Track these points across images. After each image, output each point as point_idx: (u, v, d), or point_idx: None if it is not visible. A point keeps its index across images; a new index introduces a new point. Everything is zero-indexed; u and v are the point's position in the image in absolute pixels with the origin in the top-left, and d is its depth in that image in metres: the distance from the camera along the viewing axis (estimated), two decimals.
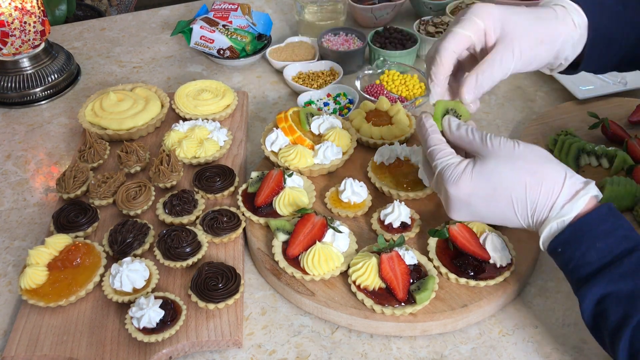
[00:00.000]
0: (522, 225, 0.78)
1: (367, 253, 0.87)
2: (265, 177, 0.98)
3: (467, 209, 0.79)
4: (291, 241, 0.88)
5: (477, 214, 0.79)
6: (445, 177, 0.78)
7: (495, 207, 0.77)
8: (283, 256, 0.89)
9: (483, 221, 0.81)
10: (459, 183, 0.77)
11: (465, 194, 0.77)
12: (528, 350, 0.82)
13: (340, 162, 1.04)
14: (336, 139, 1.05)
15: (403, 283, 0.82)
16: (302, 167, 1.02)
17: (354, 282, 0.84)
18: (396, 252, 0.84)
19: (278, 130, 1.06)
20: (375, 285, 0.83)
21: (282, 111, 1.08)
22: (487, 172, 0.76)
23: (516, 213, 0.76)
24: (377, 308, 0.82)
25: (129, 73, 1.38)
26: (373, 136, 1.09)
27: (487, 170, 0.76)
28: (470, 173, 0.77)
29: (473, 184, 0.76)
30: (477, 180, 0.76)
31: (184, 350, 0.81)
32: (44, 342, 0.81)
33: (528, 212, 0.75)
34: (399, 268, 0.83)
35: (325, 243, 0.88)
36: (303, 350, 0.83)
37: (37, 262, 0.87)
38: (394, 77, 1.26)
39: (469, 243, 0.87)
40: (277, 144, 1.05)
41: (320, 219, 0.89)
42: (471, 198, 0.77)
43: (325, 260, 0.86)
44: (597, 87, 1.25)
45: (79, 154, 1.08)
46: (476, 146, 0.79)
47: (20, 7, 1.22)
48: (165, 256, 0.89)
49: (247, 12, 1.44)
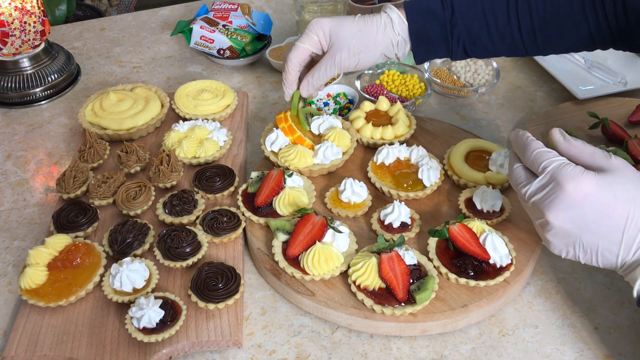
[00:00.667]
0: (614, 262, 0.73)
1: (367, 253, 0.87)
2: (265, 177, 0.98)
3: (575, 212, 0.71)
4: (291, 241, 0.88)
5: (581, 222, 0.72)
6: (565, 172, 0.72)
7: (606, 220, 0.71)
8: (283, 256, 0.89)
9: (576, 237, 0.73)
10: (580, 179, 0.71)
11: (583, 193, 0.71)
12: (528, 350, 0.82)
13: (340, 162, 1.04)
14: (336, 139, 1.05)
15: (403, 283, 0.82)
16: (302, 167, 1.02)
17: (354, 282, 0.84)
18: (396, 252, 0.84)
19: (278, 130, 1.06)
20: (375, 285, 0.83)
21: (282, 111, 1.08)
22: (611, 181, 0.71)
23: (623, 234, 0.70)
24: (377, 308, 0.82)
25: (129, 73, 1.38)
26: (373, 136, 1.09)
27: (611, 179, 0.71)
28: (593, 175, 0.71)
29: (595, 185, 0.71)
30: (599, 184, 0.71)
31: (184, 350, 0.81)
32: (44, 342, 0.81)
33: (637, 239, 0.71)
34: (398, 268, 0.83)
35: (325, 243, 0.88)
36: (303, 350, 0.83)
37: (37, 262, 0.87)
38: (394, 77, 1.26)
39: (469, 243, 0.87)
40: (277, 144, 1.05)
41: (320, 219, 0.89)
42: (587, 199, 0.70)
43: (325, 260, 0.86)
44: (597, 87, 1.25)
45: (79, 154, 1.08)
46: (598, 159, 0.74)
47: (20, 7, 1.22)
48: (165, 256, 0.89)
49: (247, 12, 1.44)
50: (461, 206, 0.96)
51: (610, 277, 0.92)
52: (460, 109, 1.25)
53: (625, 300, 0.88)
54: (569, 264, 0.94)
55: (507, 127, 1.20)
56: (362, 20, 0.99)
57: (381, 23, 0.99)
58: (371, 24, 0.99)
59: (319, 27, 1.00)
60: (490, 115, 1.24)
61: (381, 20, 0.99)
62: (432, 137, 1.12)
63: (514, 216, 0.96)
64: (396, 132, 1.09)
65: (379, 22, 0.99)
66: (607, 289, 0.90)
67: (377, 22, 0.99)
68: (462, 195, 0.98)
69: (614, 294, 0.89)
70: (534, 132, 1.14)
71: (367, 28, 0.99)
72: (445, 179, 1.04)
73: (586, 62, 1.31)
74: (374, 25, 0.99)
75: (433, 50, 1.01)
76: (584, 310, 0.87)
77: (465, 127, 1.20)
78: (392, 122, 1.11)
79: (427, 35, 0.99)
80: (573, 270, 0.93)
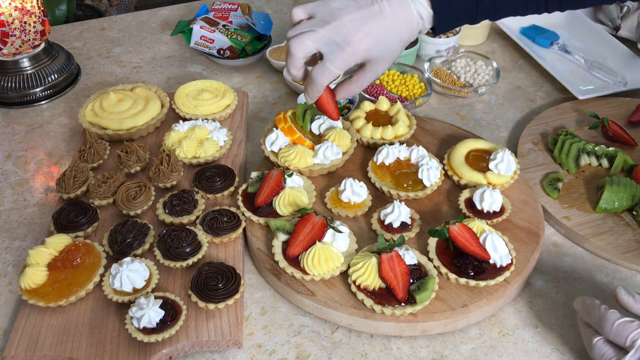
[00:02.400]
0: None
1: (367, 253, 0.87)
2: (265, 177, 0.98)
3: None
4: (291, 241, 0.88)
5: None
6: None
7: None
8: (283, 256, 0.89)
9: None
10: None
11: None
12: (528, 350, 0.82)
13: (341, 162, 1.04)
14: (336, 139, 1.05)
15: (403, 283, 0.82)
16: (302, 167, 1.02)
17: (354, 282, 0.84)
18: (396, 252, 0.84)
19: (277, 130, 1.06)
20: (375, 285, 0.83)
21: (282, 112, 1.08)
22: None
23: None
24: (377, 308, 0.82)
25: (129, 73, 1.38)
26: (373, 136, 1.09)
27: None
28: None
29: None
30: None
31: (184, 350, 0.81)
32: (44, 342, 0.81)
33: None
34: (399, 268, 0.83)
35: (325, 243, 0.88)
36: (303, 350, 0.83)
37: (37, 262, 0.87)
38: (394, 77, 1.26)
39: (469, 243, 0.87)
40: (277, 144, 1.05)
41: (320, 219, 0.89)
42: None
43: (325, 260, 0.86)
44: (597, 87, 1.25)
45: (79, 154, 1.08)
46: None
47: (20, 7, 1.22)
48: (165, 256, 0.89)
49: (247, 12, 1.44)
50: (461, 206, 0.96)
51: (611, 278, 0.92)
52: (460, 109, 1.25)
53: None
54: (569, 264, 0.94)
55: (507, 127, 1.20)
56: (394, 22, 0.87)
57: (412, 15, 0.87)
58: (405, 21, 0.87)
59: None
60: (490, 115, 1.24)
61: (412, 13, 0.87)
62: (432, 137, 1.12)
63: (513, 216, 0.96)
64: (396, 132, 1.09)
65: (411, 15, 0.87)
66: (607, 289, 0.90)
67: (409, 18, 0.87)
68: (462, 195, 0.98)
69: None
70: (534, 132, 1.14)
71: (405, 28, 0.87)
72: (445, 179, 1.04)
73: (586, 62, 1.31)
74: (408, 22, 0.87)
75: (454, 24, 0.90)
76: None
77: (465, 127, 1.20)
78: (392, 122, 1.11)
79: (451, 10, 0.88)
80: (573, 270, 0.93)
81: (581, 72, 1.31)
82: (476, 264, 0.86)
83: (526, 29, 1.42)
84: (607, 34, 1.39)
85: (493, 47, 1.45)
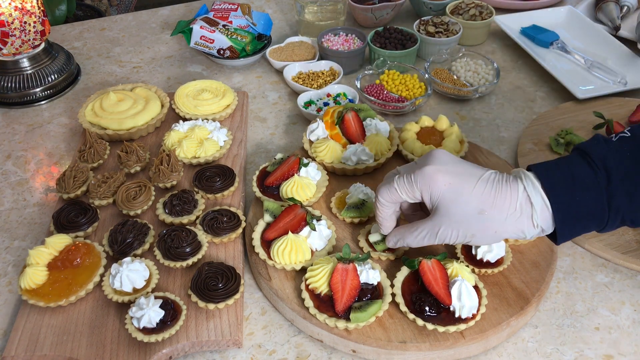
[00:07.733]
0: None
1: (333, 258, 0.85)
2: (285, 161, 1.00)
3: None
4: (271, 225, 0.91)
5: None
6: None
7: None
8: (260, 236, 0.91)
9: None
10: None
11: None
12: (528, 350, 0.82)
13: (368, 168, 1.03)
14: (371, 143, 1.05)
15: (347, 297, 0.80)
16: (327, 161, 1.03)
17: (306, 280, 0.84)
18: (354, 265, 0.82)
19: (321, 121, 1.08)
20: (323, 291, 0.82)
21: (333, 106, 1.11)
22: None
23: None
24: (312, 311, 0.81)
25: (129, 73, 1.38)
26: (414, 152, 1.06)
27: None
28: None
29: None
30: None
31: (184, 350, 0.81)
32: (44, 342, 0.81)
33: None
34: (349, 281, 0.81)
35: (299, 236, 0.88)
36: (303, 350, 0.83)
37: (37, 262, 0.87)
38: (394, 77, 1.26)
39: (436, 282, 0.81)
40: (315, 134, 1.07)
41: (302, 213, 0.90)
42: None
43: (290, 252, 0.87)
44: (597, 87, 1.25)
45: (79, 154, 1.08)
46: None
47: (20, 7, 1.22)
48: (165, 256, 0.89)
49: (247, 12, 1.44)
50: (458, 246, 0.89)
51: (611, 277, 0.92)
52: (460, 109, 1.25)
53: (626, 300, 0.88)
54: (569, 263, 0.94)
55: (507, 127, 1.20)
56: (489, 195, 0.75)
57: (516, 207, 0.74)
58: (501, 204, 0.74)
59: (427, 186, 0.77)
60: (490, 115, 1.24)
61: (517, 202, 0.74)
62: None
63: (511, 274, 0.87)
64: None
65: (513, 205, 0.74)
66: (607, 289, 0.90)
67: (511, 204, 0.74)
68: None
69: (614, 294, 0.89)
70: (534, 132, 1.14)
71: (493, 210, 0.75)
72: None
73: (586, 62, 1.31)
74: (505, 207, 0.74)
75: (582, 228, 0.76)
76: (584, 310, 0.87)
77: (465, 127, 1.20)
78: (442, 143, 1.07)
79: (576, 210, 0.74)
80: (573, 270, 0.93)
81: (581, 72, 1.31)
82: (435, 305, 0.80)
83: (526, 29, 1.42)
84: (607, 34, 1.39)
85: (493, 47, 1.45)
